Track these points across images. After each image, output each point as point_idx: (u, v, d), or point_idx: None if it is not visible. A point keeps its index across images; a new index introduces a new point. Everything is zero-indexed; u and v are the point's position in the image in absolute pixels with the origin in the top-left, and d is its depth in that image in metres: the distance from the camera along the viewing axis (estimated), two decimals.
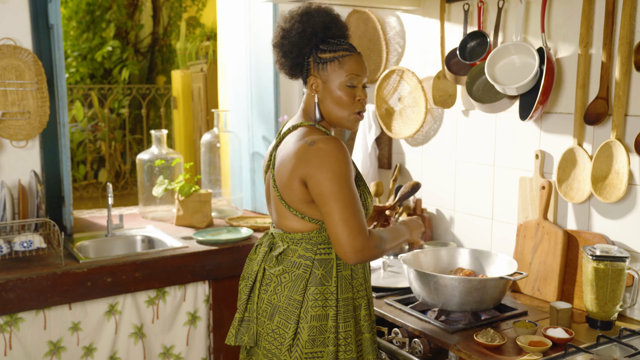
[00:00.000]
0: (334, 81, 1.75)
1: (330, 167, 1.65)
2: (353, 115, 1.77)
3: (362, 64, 1.78)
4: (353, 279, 1.81)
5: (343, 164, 1.66)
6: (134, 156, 7.90)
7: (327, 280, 1.76)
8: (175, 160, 3.33)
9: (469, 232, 2.68)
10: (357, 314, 1.82)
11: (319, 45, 1.75)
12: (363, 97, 1.78)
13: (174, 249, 2.74)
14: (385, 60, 3.01)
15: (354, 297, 1.81)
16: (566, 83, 2.23)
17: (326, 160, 1.66)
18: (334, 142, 1.68)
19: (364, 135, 3.07)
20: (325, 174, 1.66)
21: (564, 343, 1.80)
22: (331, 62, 1.74)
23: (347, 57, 1.75)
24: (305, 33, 1.74)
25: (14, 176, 2.88)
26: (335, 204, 1.66)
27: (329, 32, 1.76)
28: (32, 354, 2.41)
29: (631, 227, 2.06)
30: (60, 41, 2.81)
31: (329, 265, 1.77)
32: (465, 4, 2.54)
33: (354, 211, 1.66)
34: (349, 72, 1.74)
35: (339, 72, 1.74)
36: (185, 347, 2.75)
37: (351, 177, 1.69)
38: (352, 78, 1.75)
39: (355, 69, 1.75)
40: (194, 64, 6.72)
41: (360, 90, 1.78)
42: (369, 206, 1.82)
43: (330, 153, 1.66)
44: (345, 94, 1.75)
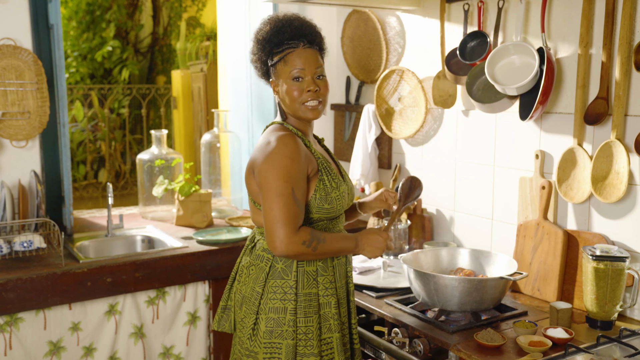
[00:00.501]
0: (284, 78, 1.84)
1: (271, 160, 1.75)
2: (302, 106, 1.83)
3: (308, 56, 1.83)
4: (319, 276, 1.85)
5: (286, 158, 1.74)
6: (134, 156, 7.90)
7: (286, 274, 1.83)
8: (175, 160, 3.33)
9: (469, 232, 2.68)
10: (325, 311, 1.86)
11: (272, 50, 1.85)
12: (313, 88, 1.82)
13: (174, 249, 2.74)
14: (385, 60, 3.01)
15: (319, 294, 1.85)
16: (566, 83, 2.23)
17: (270, 154, 1.76)
18: (284, 138, 1.77)
19: (364, 135, 3.07)
20: (265, 166, 1.76)
21: (564, 343, 1.80)
22: (279, 63, 1.84)
23: (290, 54, 1.83)
24: (262, 41, 1.86)
25: (14, 176, 2.88)
26: (268, 194, 1.75)
27: (282, 35, 1.83)
28: (32, 354, 2.41)
29: (631, 227, 2.06)
30: (60, 41, 2.81)
31: (289, 259, 1.83)
32: (465, 4, 2.54)
33: (284, 203, 1.72)
34: (292, 66, 1.82)
35: (285, 70, 1.83)
36: (185, 347, 2.75)
37: (293, 173, 1.74)
38: (296, 71, 1.82)
39: (296, 63, 1.82)
40: (194, 64, 6.72)
41: (309, 81, 1.83)
42: (333, 202, 1.83)
43: (275, 148, 1.75)
44: (291, 88, 1.82)
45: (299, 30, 1.84)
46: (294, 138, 1.79)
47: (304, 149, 1.81)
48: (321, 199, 1.81)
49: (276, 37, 1.84)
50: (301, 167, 1.76)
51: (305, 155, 1.80)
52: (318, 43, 1.89)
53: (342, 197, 1.86)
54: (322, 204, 1.81)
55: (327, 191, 1.82)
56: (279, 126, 1.88)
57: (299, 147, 1.78)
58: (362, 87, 3.22)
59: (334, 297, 1.86)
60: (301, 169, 1.76)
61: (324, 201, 1.81)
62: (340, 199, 1.85)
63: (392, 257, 2.72)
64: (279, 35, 1.83)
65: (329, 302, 1.86)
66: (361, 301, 2.27)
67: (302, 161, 1.76)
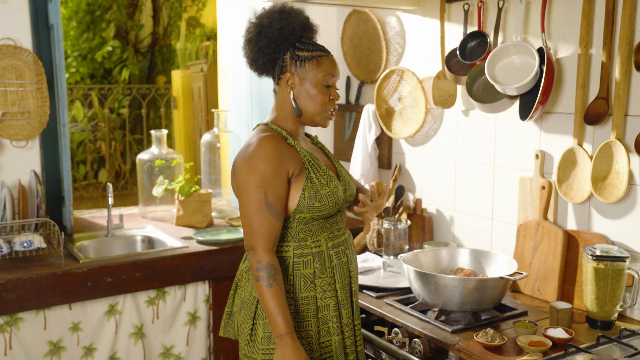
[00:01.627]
0: (311, 79, 1.79)
1: (245, 163, 1.72)
2: (325, 112, 1.82)
3: (336, 65, 1.85)
4: (317, 278, 1.79)
5: (260, 161, 1.70)
6: (134, 156, 7.90)
7: (284, 278, 1.77)
8: (175, 160, 3.33)
9: (469, 232, 2.68)
10: (323, 314, 1.81)
11: (296, 43, 1.80)
12: (336, 97, 1.84)
13: (174, 249, 2.74)
14: (385, 60, 3.01)
15: (317, 297, 1.80)
16: (566, 83, 2.23)
17: (246, 157, 1.72)
18: (262, 140, 1.72)
19: (364, 135, 3.07)
20: (240, 169, 1.73)
21: (564, 343, 1.80)
22: (309, 61, 1.79)
23: (324, 58, 1.81)
24: (284, 30, 1.78)
25: (14, 176, 2.88)
26: (242, 198, 1.73)
27: (305, 32, 1.82)
28: (32, 354, 2.41)
29: (631, 227, 2.06)
30: (60, 41, 2.81)
31: (285, 263, 1.78)
32: (465, 4, 2.54)
33: (255, 209, 1.69)
34: (326, 72, 1.79)
35: (316, 71, 1.79)
36: (185, 347, 2.75)
37: (266, 177, 1.69)
38: (328, 78, 1.80)
39: (331, 70, 1.81)
40: (194, 64, 6.72)
41: (334, 90, 1.84)
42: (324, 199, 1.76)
43: (251, 151, 1.72)
44: (320, 92, 1.80)
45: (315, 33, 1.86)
46: (273, 139, 1.73)
47: (285, 150, 1.75)
48: (311, 198, 1.75)
49: (300, 31, 1.80)
50: (277, 170, 1.71)
51: (286, 156, 1.74)
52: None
53: (335, 194, 1.79)
54: (312, 202, 1.75)
55: (316, 189, 1.76)
56: (263, 127, 1.83)
57: (277, 149, 1.72)
58: (362, 87, 3.22)
59: (333, 299, 1.81)
60: (277, 171, 1.71)
61: (313, 199, 1.75)
62: (332, 195, 1.78)
63: (392, 257, 2.72)
64: (304, 32, 1.81)
65: (327, 304, 1.80)
66: (361, 301, 2.27)
67: (278, 163, 1.71)
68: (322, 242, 1.81)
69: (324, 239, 1.81)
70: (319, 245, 1.81)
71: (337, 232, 1.86)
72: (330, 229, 1.84)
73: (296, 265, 1.78)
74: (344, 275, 1.85)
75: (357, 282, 1.93)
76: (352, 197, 1.93)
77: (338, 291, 1.83)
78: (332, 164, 1.94)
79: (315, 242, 1.80)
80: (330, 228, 1.83)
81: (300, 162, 1.77)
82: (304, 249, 1.79)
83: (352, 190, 1.93)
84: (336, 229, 1.86)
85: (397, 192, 2.93)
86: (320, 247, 1.81)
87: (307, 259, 1.79)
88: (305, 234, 1.79)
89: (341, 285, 1.83)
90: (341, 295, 1.83)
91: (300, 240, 1.79)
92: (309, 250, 1.79)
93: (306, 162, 1.79)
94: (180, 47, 7.14)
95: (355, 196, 2.03)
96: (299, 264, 1.78)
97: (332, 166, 1.93)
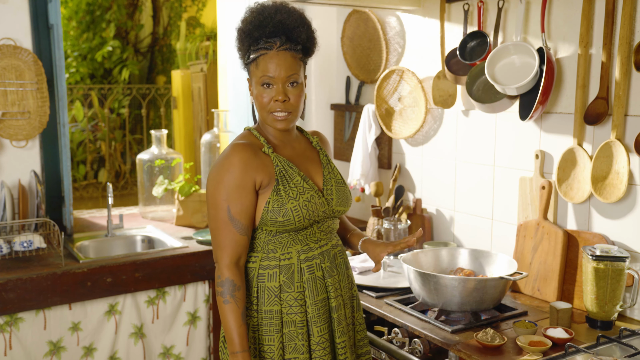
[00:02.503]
0: (254, 81, 1.71)
1: (213, 173, 1.67)
2: (270, 115, 1.70)
3: (280, 61, 1.66)
4: (282, 292, 1.70)
5: (224, 172, 1.64)
6: (134, 156, 7.90)
7: (248, 289, 1.72)
8: (175, 160, 3.33)
9: (469, 232, 2.68)
10: (290, 330, 1.70)
11: (250, 46, 1.70)
12: (281, 98, 1.67)
13: (174, 249, 2.74)
14: (385, 60, 3.01)
15: (282, 312, 1.70)
16: (566, 83, 2.23)
17: (215, 167, 1.68)
18: (231, 150, 1.66)
19: (364, 135, 3.07)
20: (209, 178, 1.69)
21: (564, 343, 1.80)
22: (252, 64, 1.70)
23: (262, 57, 1.67)
24: (240, 35, 1.71)
25: (14, 176, 2.88)
26: (208, 210, 1.69)
27: (262, 30, 1.68)
28: (32, 354, 2.41)
29: (631, 227, 2.06)
30: (60, 41, 2.81)
31: (251, 274, 1.72)
32: (465, 4, 2.54)
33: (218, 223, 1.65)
34: (262, 72, 1.68)
35: (256, 73, 1.69)
36: (185, 347, 2.75)
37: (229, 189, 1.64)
38: (264, 78, 1.68)
39: (267, 69, 1.67)
40: (194, 64, 6.71)
41: (279, 90, 1.67)
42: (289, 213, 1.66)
43: (220, 161, 1.67)
44: (261, 94, 1.69)
45: (282, 24, 1.67)
46: (242, 149, 1.66)
47: (254, 160, 1.66)
48: (274, 211, 1.66)
49: (257, 31, 1.67)
50: (241, 182, 1.64)
51: (254, 166, 1.66)
52: (300, 38, 1.70)
53: (304, 208, 1.68)
54: (274, 216, 1.66)
55: (281, 202, 1.66)
56: (243, 133, 1.77)
57: (243, 159, 1.64)
58: (362, 87, 3.22)
59: (299, 315, 1.70)
60: (242, 183, 1.64)
61: (276, 213, 1.66)
62: (300, 210, 1.67)
63: (392, 257, 2.72)
64: (259, 30, 1.67)
65: (293, 320, 1.70)
66: (361, 301, 2.27)
67: (242, 175, 1.63)
68: (294, 254, 1.72)
69: (295, 252, 1.72)
70: (289, 258, 1.71)
71: (313, 245, 1.74)
72: (305, 241, 1.73)
73: (261, 277, 1.71)
74: (317, 290, 1.72)
75: (345, 296, 1.80)
76: (343, 210, 1.81)
77: (309, 307, 1.71)
78: (320, 172, 1.81)
79: (286, 254, 1.71)
80: (304, 240, 1.73)
81: (270, 173, 1.68)
82: (271, 260, 1.71)
83: (343, 202, 1.81)
84: (312, 241, 1.74)
85: (397, 192, 2.93)
86: (291, 260, 1.71)
87: (273, 272, 1.70)
88: (275, 246, 1.71)
89: (313, 301, 1.71)
90: (312, 312, 1.71)
91: (269, 252, 1.71)
92: (276, 263, 1.70)
93: (277, 173, 1.69)
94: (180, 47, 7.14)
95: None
96: (263, 275, 1.71)
97: (320, 174, 1.80)
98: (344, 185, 1.83)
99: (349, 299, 1.83)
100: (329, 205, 1.76)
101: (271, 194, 1.67)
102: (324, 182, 1.79)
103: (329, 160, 1.86)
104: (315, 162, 1.83)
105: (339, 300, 1.77)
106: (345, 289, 1.81)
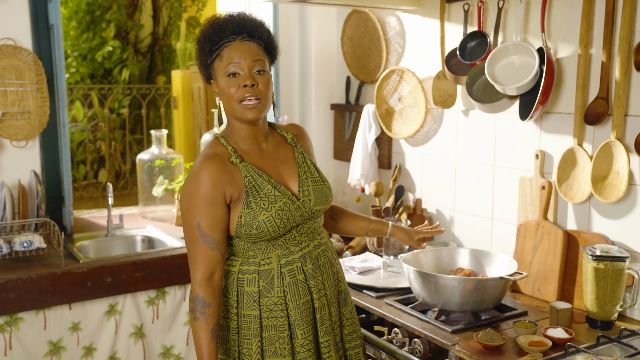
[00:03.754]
0: (220, 76, 1.67)
1: (184, 189, 1.66)
2: (239, 105, 1.66)
3: (245, 49, 1.65)
4: (262, 297, 1.69)
5: (194, 189, 1.63)
6: (134, 156, 7.90)
7: (228, 293, 1.72)
8: (175, 160, 3.33)
9: (469, 232, 2.68)
10: (270, 334, 1.70)
11: (212, 49, 1.69)
12: (250, 82, 1.63)
13: (174, 249, 2.74)
14: (385, 60, 3.01)
15: (261, 316, 1.70)
16: (566, 83, 2.23)
17: (185, 182, 1.67)
18: (199, 166, 1.65)
19: (364, 135, 3.07)
20: (181, 192, 1.69)
21: (564, 343, 1.80)
22: (216, 60, 1.68)
23: (226, 48, 1.66)
24: (200, 43, 1.70)
25: (14, 176, 2.88)
26: (183, 225, 1.68)
27: (222, 33, 1.67)
28: (32, 354, 2.41)
29: (631, 227, 2.06)
30: (60, 41, 2.81)
31: (230, 277, 1.72)
32: (465, 4, 2.54)
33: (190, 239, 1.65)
34: (227, 61, 1.65)
35: (221, 66, 1.66)
36: (185, 347, 2.75)
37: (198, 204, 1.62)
38: (231, 67, 1.64)
39: (232, 57, 1.64)
40: (194, 64, 6.72)
41: (246, 75, 1.64)
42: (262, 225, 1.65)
43: (189, 177, 1.66)
44: (228, 85, 1.65)
45: (240, 25, 1.67)
46: (210, 163, 1.64)
47: (222, 173, 1.64)
48: (247, 225, 1.65)
49: (217, 35, 1.66)
50: (211, 197, 1.62)
51: (223, 180, 1.64)
52: (261, 37, 1.70)
53: (276, 218, 1.65)
54: (248, 229, 1.65)
55: (254, 214, 1.64)
56: (211, 142, 1.73)
57: (211, 175, 1.62)
58: (362, 87, 3.22)
59: (280, 319, 1.70)
60: (211, 198, 1.62)
61: (249, 227, 1.65)
62: (273, 220, 1.65)
63: (392, 257, 2.72)
64: (220, 33, 1.66)
65: (274, 324, 1.69)
66: (361, 301, 2.27)
67: (212, 190, 1.62)
68: (274, 259, 1.70)
69: (275, 256, 1.70)
70: (269, 263, 1.70)
71: (293, 248, 1.72)
72: (285, 245, 1.71)
73: (240, 281, 1.71)
74: (299, 294, 1.71)
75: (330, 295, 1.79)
76: (323, 208, 1.78)
77: (292, 310, 1.70)
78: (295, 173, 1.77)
79: (265, 259, 1.70)
80: (284, 245, 1.71)
81: (240, 185, 1.66)
82: (250, 265, 1.70)
83: (322, 200, 1.77)
84: (292, 245, 1.72)
85: (397, 192, 2.93)
86: (270, 265, 1.70)
87: (252, 277, 1.70)
88: (255, 252, 1.71)
89: (295, 305, 1.70)
90: (295, 315, 1.70)
91: (249, 257, 1.71)
92: (255, 268, 1.70)
93: (246, 185, 1.66)
94: (180, 47, 7.14)
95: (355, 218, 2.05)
96: (242, 280, 1.70)
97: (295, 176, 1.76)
98: (322, 183, 1.79)
99: (334, 296, 1.81)
100: (305, 207, 1.73)
101: (242, 207, 1.65)
102: (299, 183, 1.75)
103: (304, 157, 1.80)
104: (289, 163, 1.78)
105: (323, 300, 1.76)
106: (331, 287, 1.80)
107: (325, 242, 1.83)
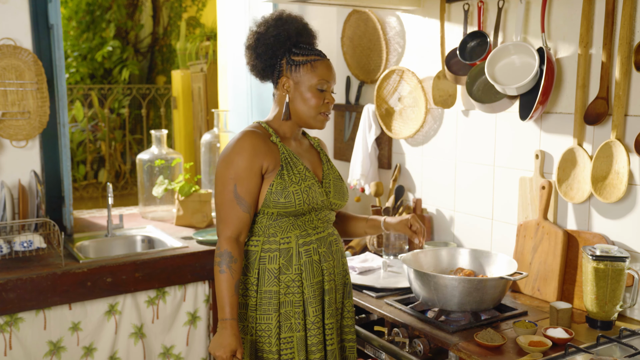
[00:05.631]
0: (305, 83, 1.86)
1: (224, 155, 1.82)
2: (319, 115, 1.88)
3: (332, 70, 1.90)
4: (281, 274, 1.84)
5: (234, 154, 1.79)
6: (134, 156, 7.90)
7: (249, 271, 1.86)
8: (175, 160, 3.34)
9: (469, 232, 2.68)
10: (287, 310, 1.84)
11: (292, 48, 1.86)
12: (331, 101, 1.89)
13: (174, 249, 2.74)
14: (385, 60, 3.01)
15: (280, 292, 1.84)
16: (566, 83, 2.23)
17: (226, 149, 1.82)
18: (243, 135, 1.82)
19: (364, 135, 3.07)
20: (220, 159, 1.83)
21: (564, 343, 1.80)
22: (304, 65, 1.86)
23: (318, 62, 1.87)
24: (279, 36, 1.85)
25: (14, 176, 2.88)
26: (215, 187, 1.84)
27: (301, 37, 1.88)
28: (32, 354, 2.41)
29: (631, 227, 2.06)
30: (60, 41, 2.81)
31: (252, 256, 1.86)
32: (465, 4, 2.54)
33: (224, 199, 1.79)
34: (320, 76, 1.86)
35: (310, 75, 1.85)
36: (185, 347, 2.75)
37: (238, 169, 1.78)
38: (322, 83, 1.86)
39: (326, 75, 1.87)
40: (194, 64, 6.72)
41: (329, 94, 1.89)
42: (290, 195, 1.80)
43: (232, 144, 1.82)
44: (314, 96, 1.86)
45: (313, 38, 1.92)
46: (253, 135, 1.82)
47: (263, 146, 1.81)
48: (277, 193, 1.80)
49: (308, 41, 1.89)
50: (250, 164, 1.78)
51: (263, 151, 1.81)
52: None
53: (305, 193, 1.82)
54: (277, 197, 1.80)
55: (284, 185, 1.81)
56: (253, 124, 1.92)
57: (253, 144, 1.80)
58: (362, 87, 3.22)
59: (297, 295, 1.84)
60: (250, 165, 1.78)
61: (279, 195, 1.80)
62: (301, 194, 1.82)
63: (392, 257, 2.72)
64: (311, 39, 1.90)
65: (290, 300, 1.84)
66: (361, 301, 2.27)
67: (252, 157, 1.78)
68: (292, 239, 1.85)
69: (294, 236, 1.86)
70: (288, 242, 1.85)
71: (311, 231, 1.88)
72: (303, 227, 1.87)
73: (262, 259, 1.85)
74: (313, 273, 1.86)
75: (338, 282, 1.94)
76: (340, 203, 1.96)
77: (306, 288, 1.85)
78: (320, 168, 1.97)
79: (285, 238, 1.85)
80: (302, 226, 1.87)
81: (277, 159, 1.84)
82: (271, 244, 1.85)
83: (340, 196, 1.96)
84: (310, 228, 1.88)
85: (397, 192, 2.93)
86: (289, 244, 1.85)
87: (274, 255, 1.84)
88: (275, 230, 1.85)
89: (309, 283, 1.85)
90: (309, 293, 1.85)
91: (269, 236, 1.85)
92: (277, 246, 1.84)
93: (282, 160, 1.84)
94: (180, 47, 7.14)
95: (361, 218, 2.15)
96: (264, 258, 1.85)
97: (320, 169, 1.96)
98: (341, 182, 2.00)
99: (341, 285, 1.96)
100: (327, 196, 1.91)
101: (275, 177, 1.82)
102: (323, 175, 1.95)
103: (328, 159, 2.02)
104: (316, 159, 1.99)
105: (332, 284, 1.91)
106: (339, 275, 1.96)
107: (337, 233, 2.00)
